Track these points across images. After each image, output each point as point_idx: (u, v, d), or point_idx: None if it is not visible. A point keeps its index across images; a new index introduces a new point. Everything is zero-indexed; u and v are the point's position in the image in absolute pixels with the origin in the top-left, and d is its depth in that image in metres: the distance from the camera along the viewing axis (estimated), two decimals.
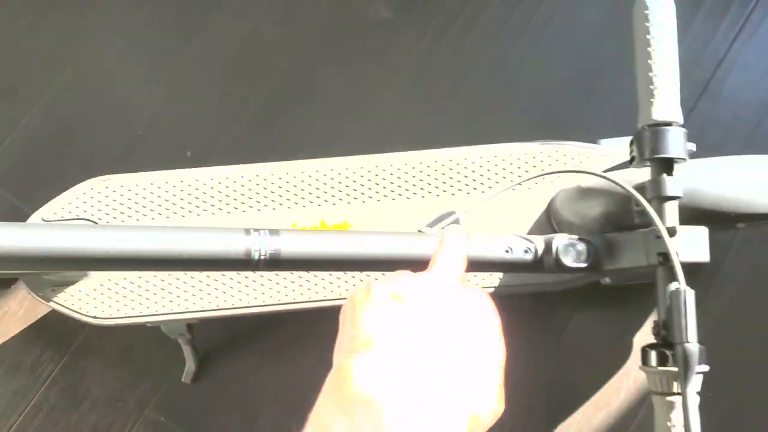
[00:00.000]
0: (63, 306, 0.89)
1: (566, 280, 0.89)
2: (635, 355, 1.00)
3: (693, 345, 0.64)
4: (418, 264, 0.67)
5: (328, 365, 0.57)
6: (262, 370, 1.03)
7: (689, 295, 0.65)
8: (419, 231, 0.76)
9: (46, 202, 0.92)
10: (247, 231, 0.65)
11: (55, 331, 1.05)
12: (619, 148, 0.89)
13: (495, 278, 0.89)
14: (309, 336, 1.03)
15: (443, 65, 1.13)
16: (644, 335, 1.01)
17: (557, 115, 1.10)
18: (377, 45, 1.16)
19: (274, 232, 0.66)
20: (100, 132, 1.13)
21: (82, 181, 0.93)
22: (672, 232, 0.69)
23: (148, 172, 0.92)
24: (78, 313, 0.89)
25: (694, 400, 0.64)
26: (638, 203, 0.71)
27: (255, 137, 1.12)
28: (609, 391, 1.00)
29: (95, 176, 0.93)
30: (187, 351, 0.99)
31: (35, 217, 0.90)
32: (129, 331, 1.02)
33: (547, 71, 1.12)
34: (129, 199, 0.91)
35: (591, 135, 0.95)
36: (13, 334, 1.06)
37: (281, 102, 1.14)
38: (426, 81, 1.13)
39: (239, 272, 0.79)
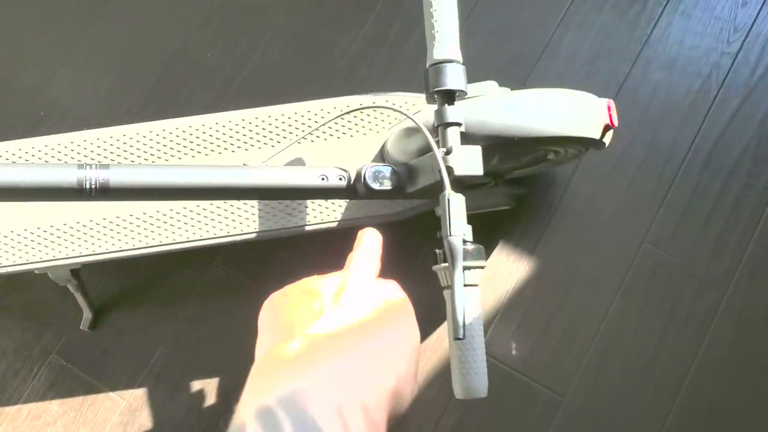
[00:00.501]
0: None
1: (404, 209, 1.00)
2: None
3: (456, 238, 0.76)
4: (234, 191, 0.79)
5: (213, 309, 0.64)
6: (155, 316, 1.15)
7: (453, 198, 0.77)
8: (243, 164, 0.88)
9: None
10: (80, 165, 0.77)
11: None
12: None
13: (338, 213, 1.00)
14: (196, 283, 1.15)
15: None
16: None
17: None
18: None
19: (103, 165, 0.78)
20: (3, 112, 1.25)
21: None
22: (449, 151, 0.81)
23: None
24: None
25: (460, 289, 0.74)
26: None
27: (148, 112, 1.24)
28: None
29: None
30: (79, 299, 1.10)
31: None
32: (33, 287, 1.15)
33: None
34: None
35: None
36: None
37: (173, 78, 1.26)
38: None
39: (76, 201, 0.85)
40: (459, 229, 0.77)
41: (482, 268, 0.81)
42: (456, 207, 0.77)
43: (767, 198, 1.16)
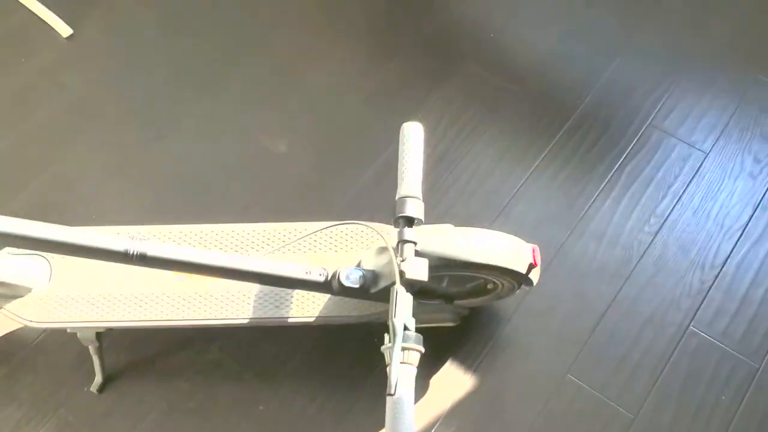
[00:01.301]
0: (8, 312, 1.25)
1: (368, 314, 1.26)
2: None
3: (398, 321, 1.01)
4: (238, 273, 1.06)
5: (204, 386, 0.85)
6: (154, 387, 1.37)
7: (401, 290, 1.04)
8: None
9: None
10: (130, 237, 1.05)
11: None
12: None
13: (316, 311, 1.26)
14: (194, 362, 1.39)
15: None
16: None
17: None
18: None
19: (144, 239, 1.06)
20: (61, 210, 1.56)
21: None
22: (404, 260, 1.09)
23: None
24: (19, 318, 1.25)
25: (397, 357, 0.99)
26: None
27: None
28: None
29: None
30: (96, 362, 1.33)
31: None
32: (59, 351, 1.38)
33: None
34: None
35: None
36: None
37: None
38: None
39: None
40: (402, 315, 1.02)
41: (420, 352, 1.05)
42: (402, 298, 1.04)
43: (675, 343, 1.40)
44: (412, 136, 1.20)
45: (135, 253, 1.05)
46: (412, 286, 1.10)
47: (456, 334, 1.41)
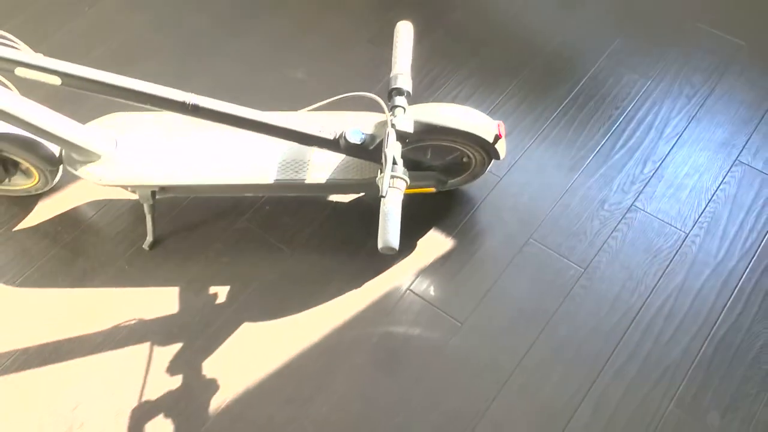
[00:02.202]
0: (84, 173, 1.59)
1: (366, 177, 1.58)
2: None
3: (389, 151, 1.34)
4: (263, 126, 1.39)
5: (235, 249, 1.20)
6: (196, 248, 1.69)
7: (392, 133, 1.37)
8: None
9: None
10: (186, 93, 1.39)
11: (68, 220, 1.74)
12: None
13: (326, 175, 1.58)
14: (227, 230, 1.71)
15: None
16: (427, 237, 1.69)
17: None
18: None
19: (198, 96, 1.40)
20: None
21: None
22: (394, 116, 1.42)
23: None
24: (94, 178, 1.58)
25: (388, 174, 1.32)
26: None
27: None
28: None
29: None
30: (148, 222, 1.66)
31: None
32: (114, 221, 1.71)
33: None
34: None
35: None
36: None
37: None
38: None
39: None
40: (392, 148, 1.35)
41: (406, 182, 1.37)
42: (393, 138, 1.37)
43: (620, 217, 1.71)
44: (403, 32, 1.54)
45: (190, 104, 1.39)
46: (402, 138, 1.42)
47: (440, 207, 1.73)
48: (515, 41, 2.09)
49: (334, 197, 1.77)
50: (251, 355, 1.54)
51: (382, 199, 1.32)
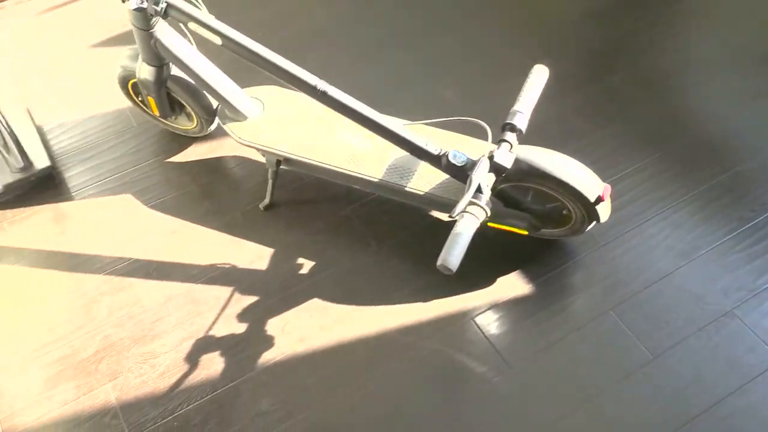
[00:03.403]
0: (228, 129, 1.81)
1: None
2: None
3: (476, 177, 1.39)
4: (378, 127, 1.51)
5: (331, 235, 1.37)
6: (296, 224, 1.85)
7: (485, 161, 1.42)
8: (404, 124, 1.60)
9: None
10: (320, 79, 1.54)
11: (210, 165, 1.97)
12: None
13: (427, 187, 1.66)
14: (333, 216, 1.85)
15: None
16: None
17: None
18: None
19: (328, 85, 1.54)
20: None
21: None
22: (499, 149, 1.47)
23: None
24: (233, 133, 1.80)
25: (467, 199, 1.38)
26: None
27: None
28: None
29: None
30: (269, 187, 1.85)
31: None
32: (243, 178, 1.92)
33: None
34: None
35: None
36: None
37: None
38: None
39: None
40: (480, 175, 1.41)
41: (486, 213, 1.41)
42: (485, 165, 1.42)
43: (710, 320, 1.62)
44: (538, 74, 1.58)
45: (320, 89, 1.54)
46: (498, 171, 1.47)
47: (533, 253, 1.74)
48: (667, 115, 2.02)
49: (435, 213, 1.85)
50: (309, 328, 1.66)
51: (456, 220, 1.37)
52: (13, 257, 1.80)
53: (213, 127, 1.97)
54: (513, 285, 1.71)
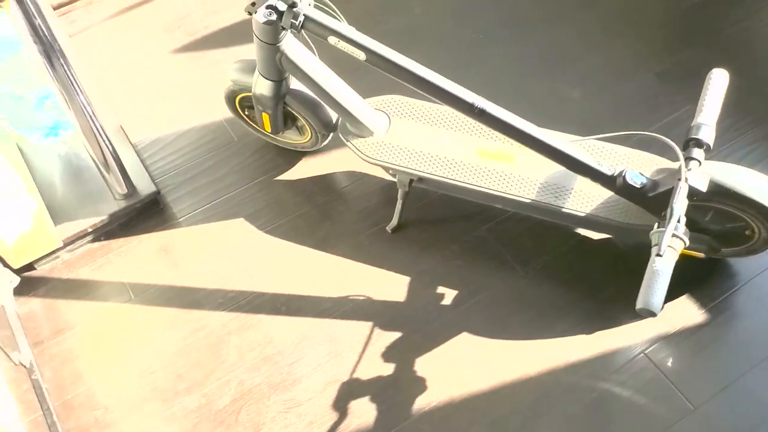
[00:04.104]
0: (352, 146, 1.64)
1: (632, 222, 1.47)
2: None
3: (677, 206, 1.23)
4: (548, 149, 1.34)
5: (465, 254, 1.18)
6: (433, 243, 1.69)
7: (683, 187, 1.25)
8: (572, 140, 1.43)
9: None
10: (474, 95, 1.37)
11: (324, 183, 1.81)
12: None
13: (588, 208, 1.50)
14: (465, 233, 1.69)
15: None
16: None
17: None
18: None
19: (486, 101, 1.37)
20: None
21: None
22: (689, 170, 1.30)
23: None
24: (359, 151, 1.63)
25: (670, 230, 1.22)
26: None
27: None
28: None
29: None
30: (398, 207, 1.68)
31: None
32: (361, 197, 1.76)
33: None
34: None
35: None
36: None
37: None
38: None
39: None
40: (681, 204, 1.24)
41: (684, 243, 1.25)
42: (683, 193, 1.25)
43: None
44: (717, 80, 1.41)
45: (478, 107, 1.37)
46: (691, 195, 1.30)
47: (699, 275, 1.58)
48: None
49: (582, 231, 1.68)
50: (464, 366, 1.51)
51: (655, 256, 1.21)
52: (125, 294, 1.65)
53: (327, 141, 1.80)
54: (681, 312, 1.55)
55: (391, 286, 1.64)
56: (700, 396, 1.44)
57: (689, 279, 1.58)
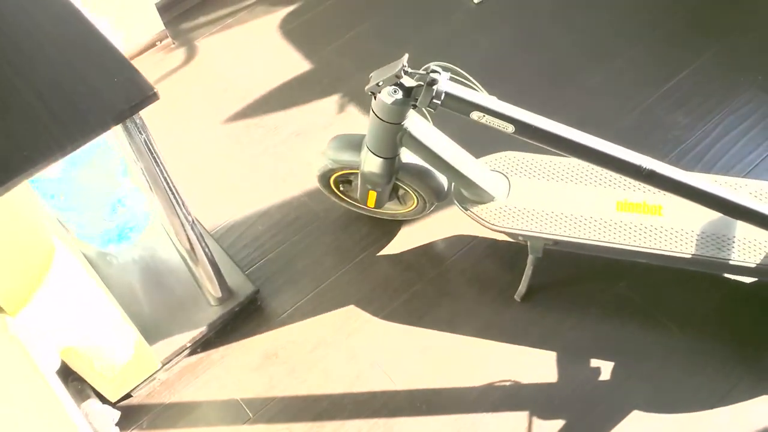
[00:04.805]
0: (473, 214, 1.47)
1: None
2: None
3: None
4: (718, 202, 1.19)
5: (607, 321, 1.01)
6: (569, 309, 1.53)
7: None
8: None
9: None
10: (641, 156, 1.22)
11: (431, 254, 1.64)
12: None
13: (758, 257, 1.35)
14: (604, 292, 1.53)
15: None
16: None
17: None
18: None
19: (654, 161, 1.22)
20: None
21: None
22: None
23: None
24: (482, 219, 1.46)
25: None
26: None
27: None
28: None
29: None
30: (527, 273, 1.51)
31: None
32: (478, 263, 1.59)
33: None
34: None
35: None
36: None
37: None
38: None
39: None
40: None
41: None
42: None
43: None
44: None
45: (646, 169, 1.21)
46: None
47: None
48: None
49: (731, 276, 1.54)
50: None
51: None
52: (242, 413, 1.46)
53: (433, 208, 1.62)
54: None
55: (536, 364, 1.47)
56: None
57: None
